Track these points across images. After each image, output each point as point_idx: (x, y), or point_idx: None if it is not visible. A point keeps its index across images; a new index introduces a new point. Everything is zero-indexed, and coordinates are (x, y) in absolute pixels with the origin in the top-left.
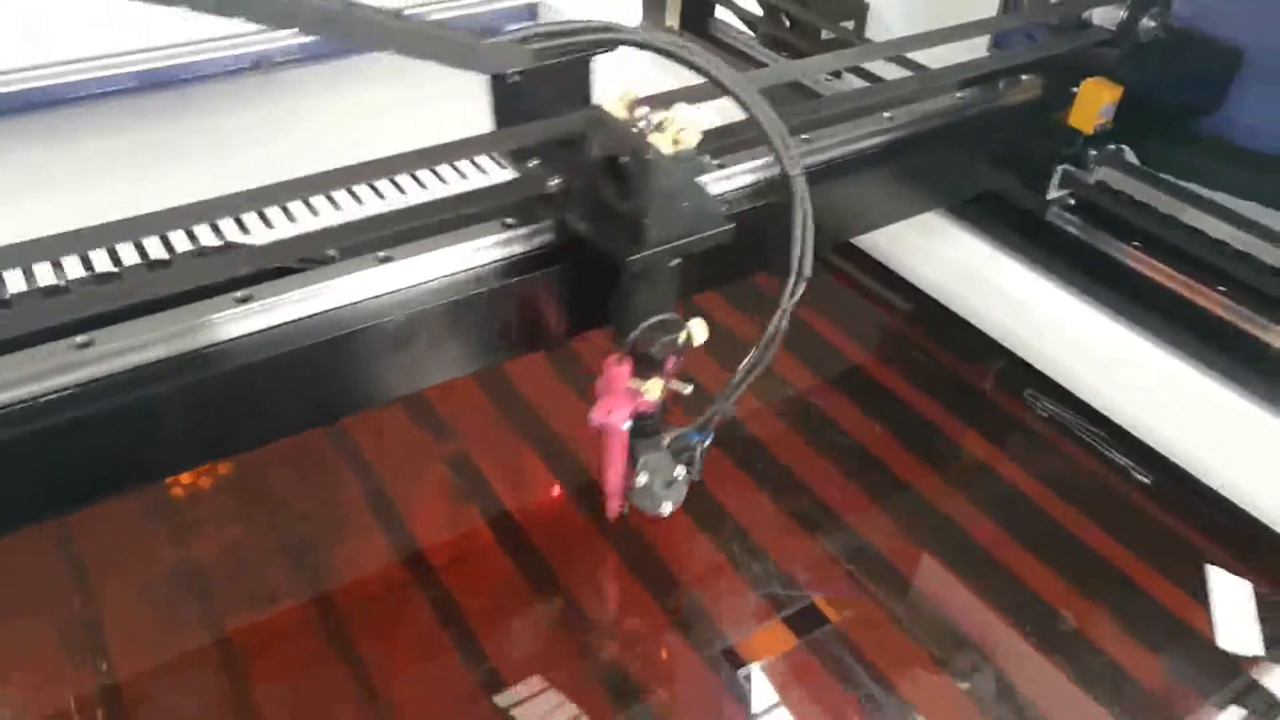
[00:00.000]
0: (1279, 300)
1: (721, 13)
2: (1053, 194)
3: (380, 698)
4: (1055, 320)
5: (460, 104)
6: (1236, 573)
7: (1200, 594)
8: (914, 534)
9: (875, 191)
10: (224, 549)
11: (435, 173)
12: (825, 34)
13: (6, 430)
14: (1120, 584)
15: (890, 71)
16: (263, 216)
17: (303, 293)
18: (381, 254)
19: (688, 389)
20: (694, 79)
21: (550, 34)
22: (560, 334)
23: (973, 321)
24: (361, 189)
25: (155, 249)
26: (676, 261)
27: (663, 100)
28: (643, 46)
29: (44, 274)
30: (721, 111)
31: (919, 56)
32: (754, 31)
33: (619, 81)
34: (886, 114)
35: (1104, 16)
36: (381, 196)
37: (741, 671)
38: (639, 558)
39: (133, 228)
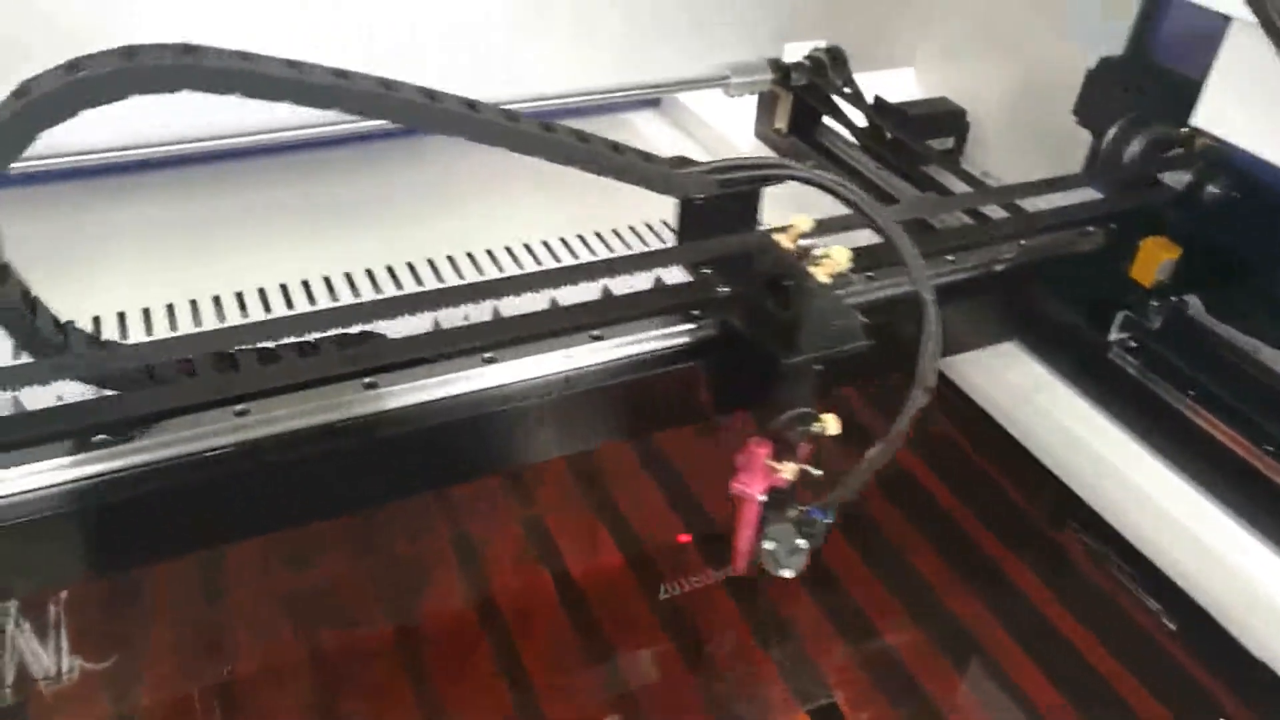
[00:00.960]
0: None
1: (829, 120)
2: (1114, 335)
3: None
4: (1105, 457)
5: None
6: None
7: None
8: (943, 650)
9: (961, 321)
10: (329, 577)
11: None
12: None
13: (186, 476)
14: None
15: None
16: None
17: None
18: (595, 332)
19: (818, 473)
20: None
21: (733, 167)
22: (708, 412)
23: (1027, 446)
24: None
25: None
26: (820, 367)
27: (824, 226)
28: (808, 182)
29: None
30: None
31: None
32: (857, 140)
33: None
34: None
35: (1172, 178)
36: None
37: None
38: (681, 633)
39: (298, 324)
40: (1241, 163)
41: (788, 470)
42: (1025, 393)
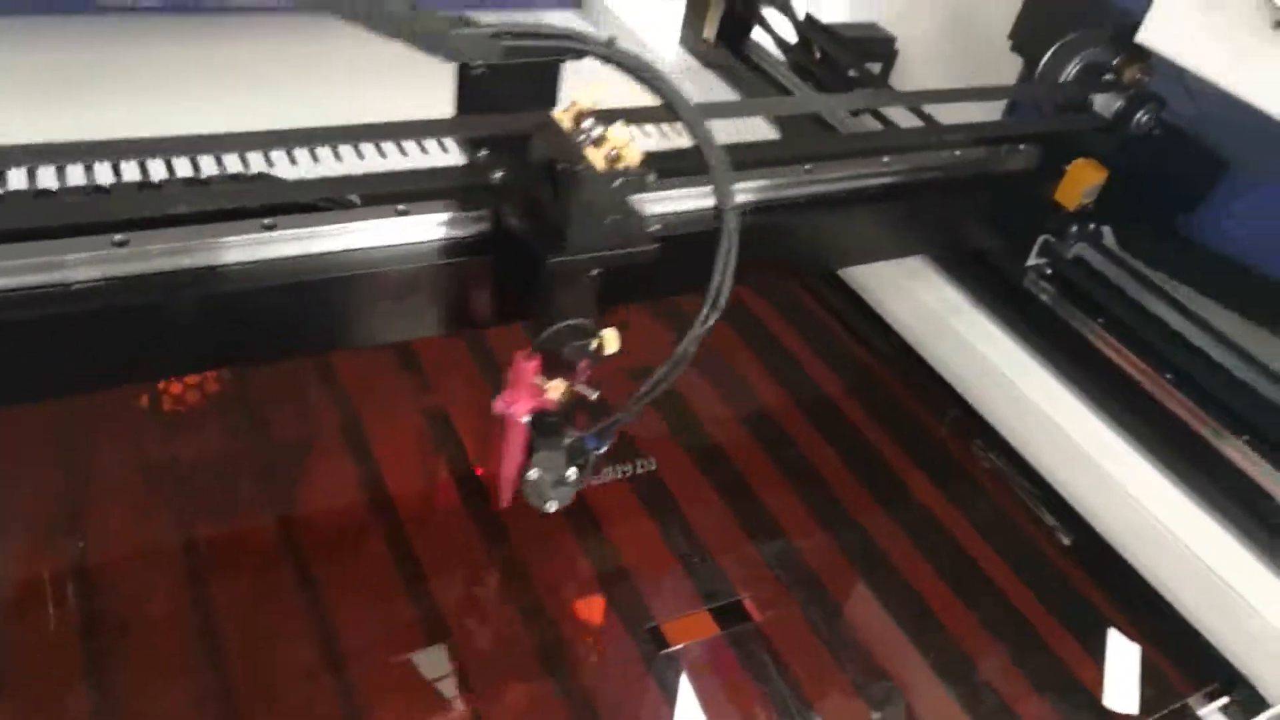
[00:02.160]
0: (1219, 398)
1: (758, 34)
2: (1031, 261)
3: (328, 621)
4: (1011, 380)
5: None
6: (1132, 638)
7: (1096, 653)
8: (848, 557)
9: (865, 229)
10: (205, 456)
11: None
12: (851, 71)
13: (40, 308)
14: (1028, 634)
15: (903, 118)
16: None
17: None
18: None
19: (593, 395)
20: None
21: (523, 34)
22: (487, 319)
23: (936, 368)
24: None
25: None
26: (597, 271)
27: (616, 116)
28: (606, 60)
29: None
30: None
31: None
32: (785, 57)
33: (590, 86)
34: (886, 159)
35: (1103, 104)
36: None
37: (663, 651)
38: (587, 531)
39: (173, 145)
40: (1169, 101)
41: (555, 390)
42: (938, 315)
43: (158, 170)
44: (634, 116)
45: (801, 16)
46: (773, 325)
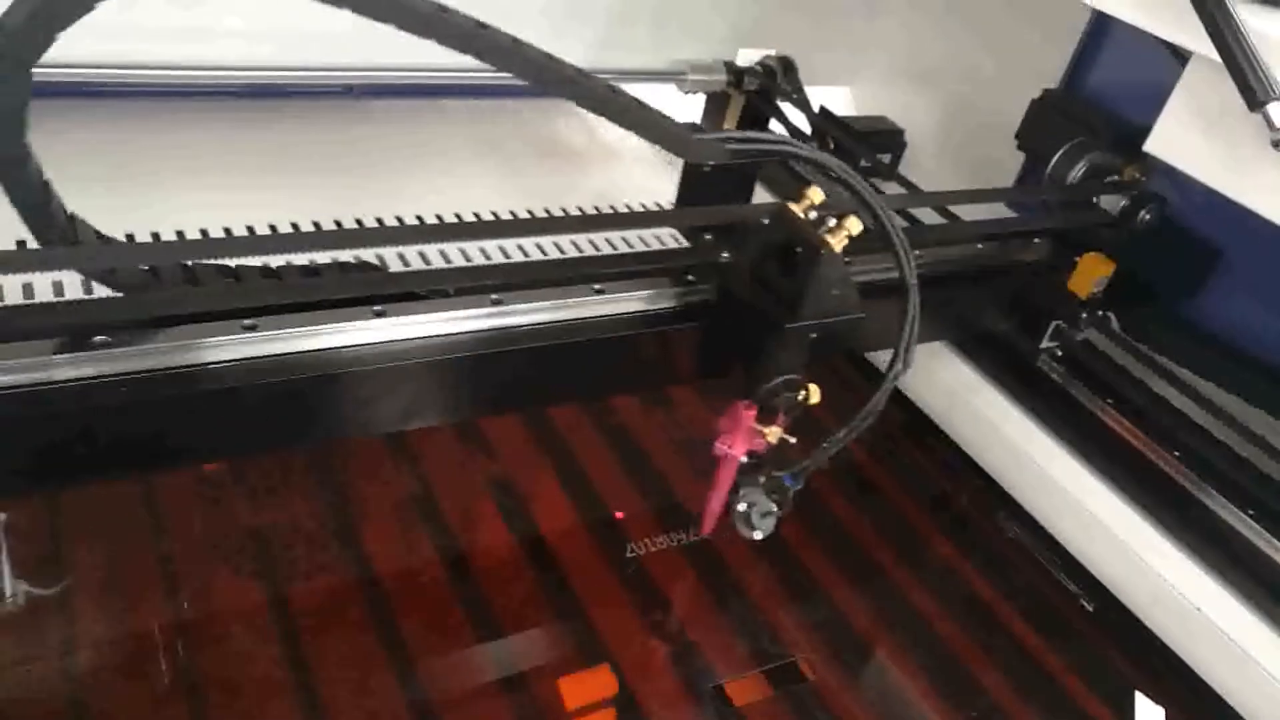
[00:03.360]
0: (1222, 473)
1: (775, 125)
2: (1044, 344)
3: (415, 672)
4: (1029, 454)
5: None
6: (1156, 700)
7: (1124, 715)
8: (886, 620)
9: (892, 318)
10: (289, 521)
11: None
12: (864, 162)
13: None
14: (1055, 695)
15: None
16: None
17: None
18: (598, 286)
19: (793, 440)
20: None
21: (744, 139)
22: (693, 377)
23: (958, 442)
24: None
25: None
26: (815, 335)
27: (824, 207)
28: (814, 164)
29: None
30: None
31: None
32: None
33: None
34: (917, 252)
35: (1110, 202)
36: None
37: (728, 709)
38: (648, 594)
39: (304, 240)
40: (1169, 196)
41: (772, 434)
42: (957, 393)
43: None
44: (831, 208)
45: (816, 110)
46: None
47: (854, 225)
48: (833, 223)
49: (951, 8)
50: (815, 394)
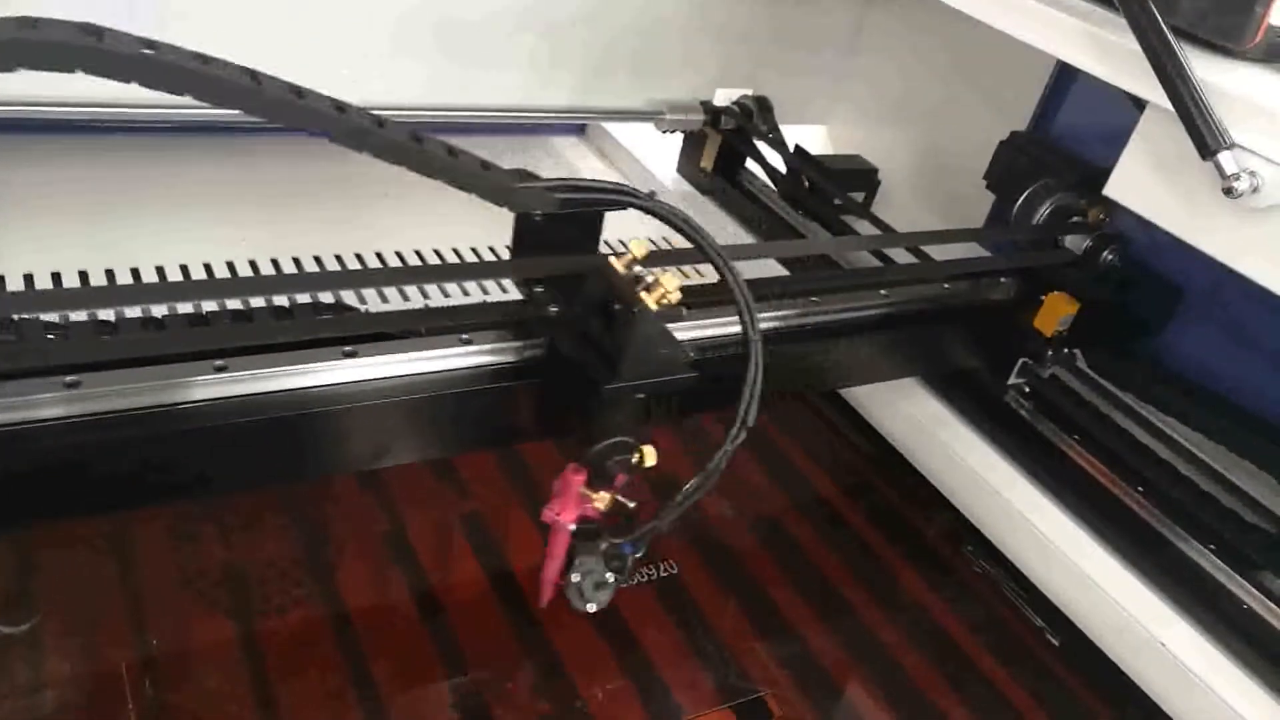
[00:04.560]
0: (1184, 508)
1: (752, 164)
2: (1011, 380)
3: (383, 709)
4: (995, 488)
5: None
6: None
7: None
8: (853, 654)
9: (865, 355)
10: (261, 559)
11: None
12: (837, 200)
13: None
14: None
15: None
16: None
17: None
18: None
19: (631, 505)
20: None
21: (576, 188)
22: (532, 435)
23: (927, 476)
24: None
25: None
26: (641, 396)
27: (658, 258)
28: (648, 212)
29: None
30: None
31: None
32: (777, 186)
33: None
34: (884, 291)
35: (1073, 243)
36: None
37: None
38: (617, 632)
39: (269, 284)
40: (1132, 237)
41: (601, 500)
42: (927, 428)
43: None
44: (670, 259)
45: (791, 149)
46: (776, 438)
47: (670, 284)
48: (650, 279)
49: (924, 50)
50: (650, 456)
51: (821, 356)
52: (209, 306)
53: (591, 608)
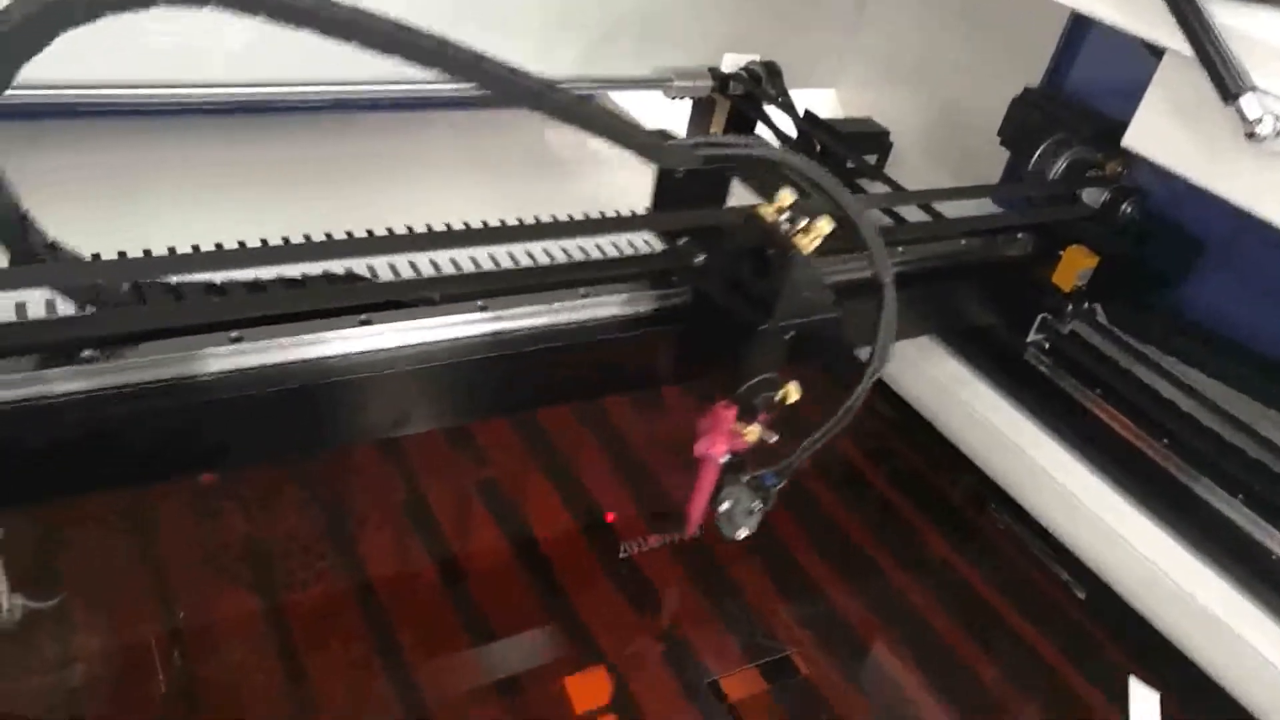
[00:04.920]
0: (1211, 460)
1: (762, 129)
2: (1031, 336)
3: (409, 677)
4: (1018, 446)
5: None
6: (1149, 684)
7: (1115, 699)
8: (879, 613)
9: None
10: (283, 532)
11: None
12: (850, 163)
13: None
14: (1051, 681)
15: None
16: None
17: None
18: (582, 290)
19: (774, 439)
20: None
21: (716, 144)
22: (678, 376)
23: (947, 436)
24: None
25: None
26: (790, 336)
27: (796, 208)
28: (787, 166)
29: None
30: None
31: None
32: None
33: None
34: (901, 249)
35: (1091, 195)
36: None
37: (723, 703)
38: (641, 594)
39: (282, 254)
40: (1151, 189)
41: (751, 434)
42: (946, 387)
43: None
44: (805, 209)
45: (802, 113)
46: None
47: (824, 226)
48: (803, 224)
49: (933, 8)
50: (794, 392)
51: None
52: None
53: (742, 533)
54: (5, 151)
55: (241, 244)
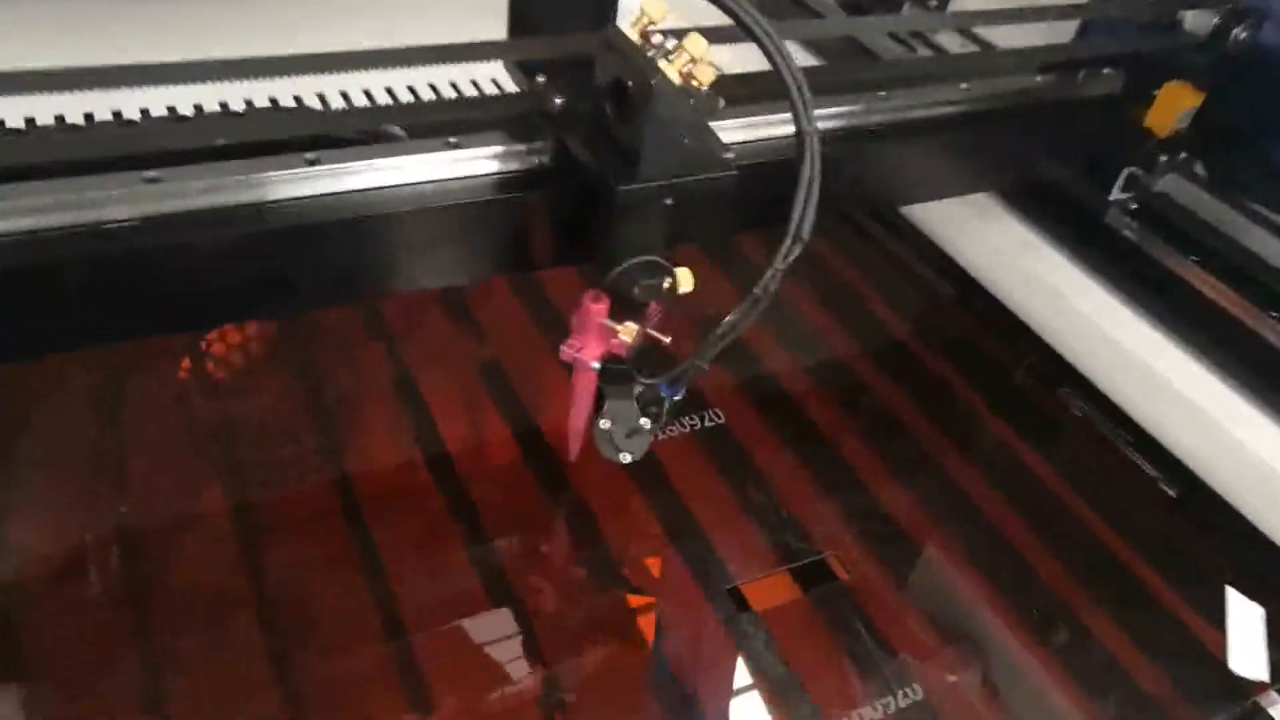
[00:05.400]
0: None
1: None
2: (1115, 195)
3: (386, 577)
4: (1098, 323)
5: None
6: (1252, 596)
7: (1210, 612)
8: (932, 508)
9: (932, 162)
10: (254, 412)
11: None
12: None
13: (67, 249)
14: (1132, 590)
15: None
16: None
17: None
18: (394, 135)
19: (666, 339)
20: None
21: None
22: (545, 260)
23: (1014, 311)
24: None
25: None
26: (670, 201)
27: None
28: None
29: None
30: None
31: (996, 35)
32: None
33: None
34: (964, 85)
35: (1196, 21)
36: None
37: (745, 615)
38: (656, 488)
39: (201, 70)
40: (1269, 11)
41: (628, 333)
42: (1012, 255)
43: (182, 104)
44: (705, 35)
45: None
46: (836, 268)
47: (696, 47)
48: (672, 45)
49: None
50: (686, 280)
51: (879, 164)
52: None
53: (625, 458)
54: None
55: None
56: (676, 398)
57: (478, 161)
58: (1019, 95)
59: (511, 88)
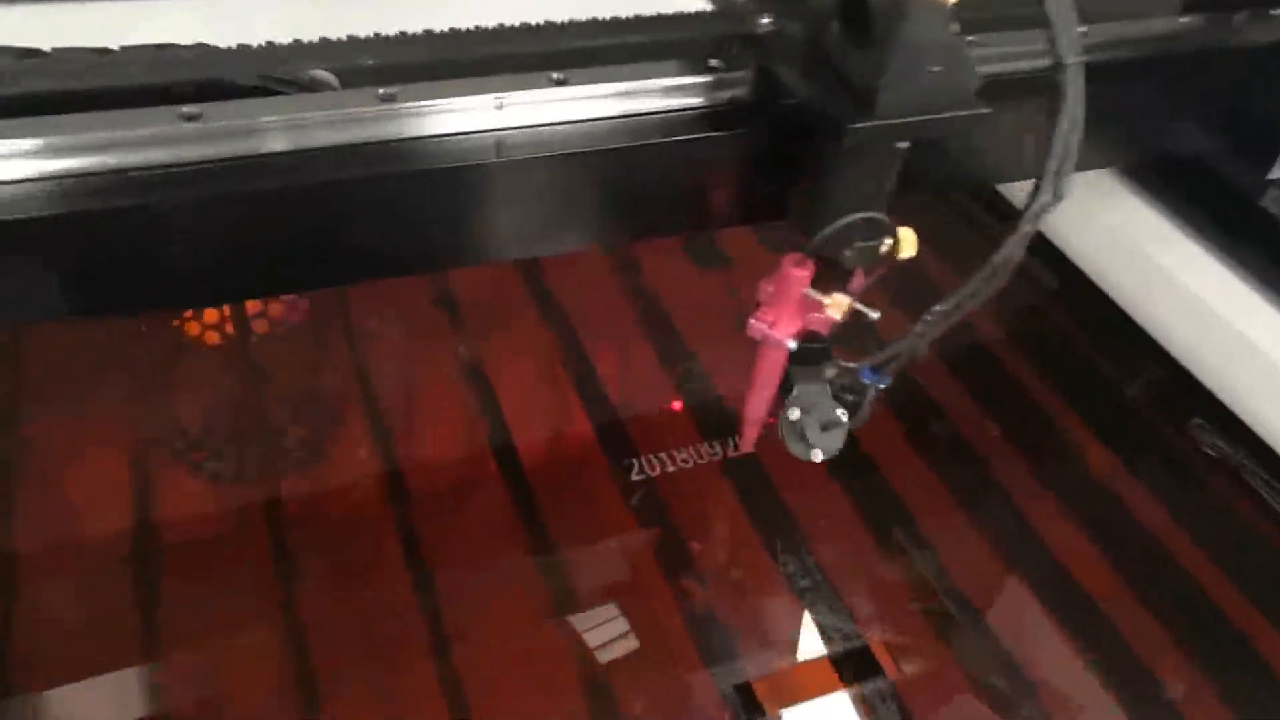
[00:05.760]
0: None
1: None
2: (1276, 173)
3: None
4: (1250, 338)
5: None
6: None
7: None
8: (1011, 565)
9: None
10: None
11: None
12: None
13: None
14: (1251, 662)
15: None
16: None
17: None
18: (556, 75)
19: (874, 315)
20: None
21: None
22: (720, 218)
23: (1134, 316)
24: None
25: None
26: (904, 144)
27: None
28: None
29: None
30: None
31: None
32: None
33: None
34: (1082, 28)
35: None
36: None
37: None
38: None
39: None
40: None
41: (836, 306)
42: (1135, 245)
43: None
44: None
45: None
46: (919, 257)
47: None
48: None
49: None
50: (909, 243)
51: (982, 133)
52: None
53: (817, 455)
54: None
55: None
56: (882, 385)
57: (650, 98)
58: (1154, 42)
59: (701, 6)
